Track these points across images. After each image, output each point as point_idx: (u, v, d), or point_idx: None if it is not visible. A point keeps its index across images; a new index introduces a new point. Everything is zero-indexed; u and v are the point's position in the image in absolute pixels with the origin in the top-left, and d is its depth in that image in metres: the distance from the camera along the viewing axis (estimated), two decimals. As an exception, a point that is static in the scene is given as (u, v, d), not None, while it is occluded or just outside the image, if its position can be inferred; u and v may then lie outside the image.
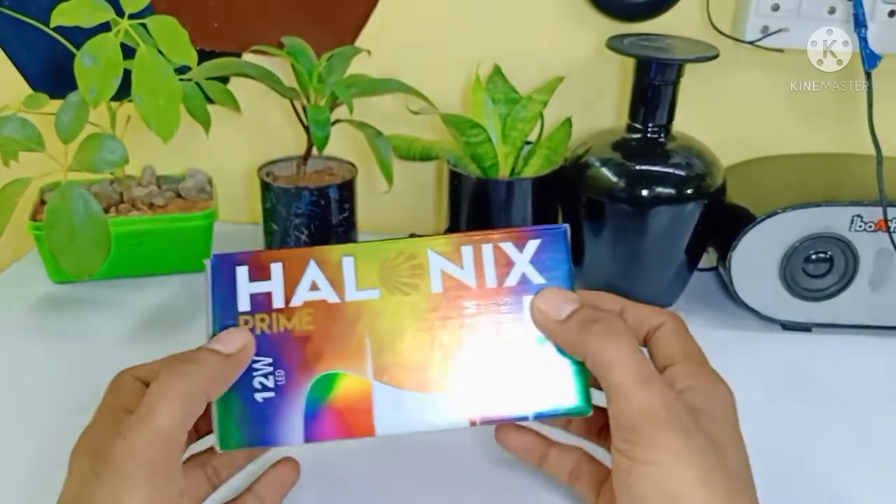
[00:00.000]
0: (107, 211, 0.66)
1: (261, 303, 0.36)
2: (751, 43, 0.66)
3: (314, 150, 0.66)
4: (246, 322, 0.35)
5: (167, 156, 0.72)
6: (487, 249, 0.36)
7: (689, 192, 0.59)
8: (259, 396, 0.35)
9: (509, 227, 0.37)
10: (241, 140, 0.76)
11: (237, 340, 0.34)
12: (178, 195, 0.70)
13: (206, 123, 0.65)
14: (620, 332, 0.33)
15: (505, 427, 0.40)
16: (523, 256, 0.36)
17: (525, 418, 0.35)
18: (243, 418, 0.35)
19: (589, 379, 0.35)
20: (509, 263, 0.36)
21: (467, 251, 0.36)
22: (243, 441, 0.34)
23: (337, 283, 0.36)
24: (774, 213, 0.58)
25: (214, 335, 0.35)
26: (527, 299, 0.35)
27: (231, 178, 0.78)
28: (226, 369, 0.34)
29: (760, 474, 0.47)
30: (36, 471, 0.46)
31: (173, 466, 0.31)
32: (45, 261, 0.66)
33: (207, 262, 0.36)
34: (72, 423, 0.50)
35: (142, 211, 0.67)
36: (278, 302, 0.36)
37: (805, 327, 0.62)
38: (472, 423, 0.34)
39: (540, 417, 0.35)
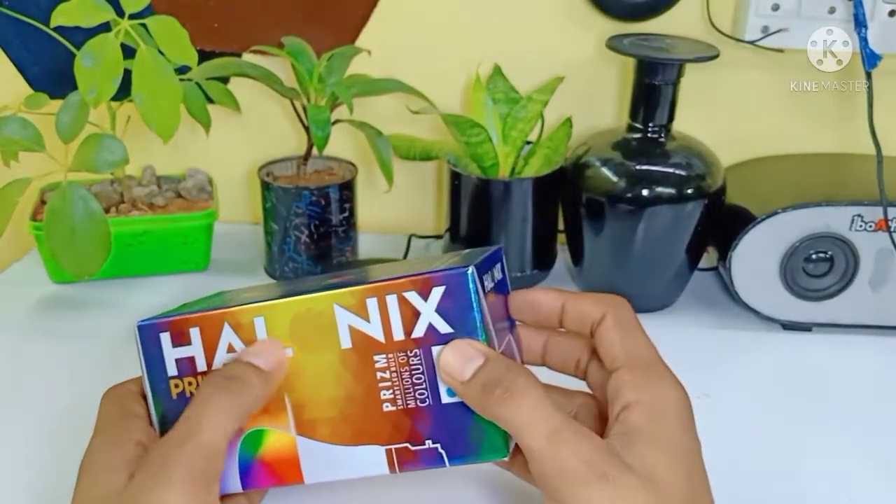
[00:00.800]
0: (107, 211, 0.66)
1: (186, 367, 0.37)
2: (751, 43, 0.66)
3: (314, 150, 0.66)
4: (176, 385, 0.37)
5: (167, 156, 0.72)
6: (392, 301, 0.35)
7: (689, 192, 0.59)
8: None
9: (424, 269, 0.35)
10: (241, 140, 0.76)
11: (273, 356, 0.35)
12: (178, 195, 0.70)
13: (206, 123, 0.66)
14: (521, 391, 0.31)
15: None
16: (428, 305, 0.34)
17: (443, 466, 0.35)
18: None
19: None
20: (415, 313, 0.35)
21: (372, 303, 0.35)
22: None
23: (251, 344, 0.37)
24: (774, 213, 0.58)
25: (153, 396, 0.37)
26: (436, 350, 0.34)
27: (231, 178, 0.78)
28: (266, 387, 0.35)
29: (760, 474, 0.47)
30: (36, 471, 0.46)
31: (215, 478, 0.32)
32: (45, 261, 0.66)
33: (136, 330, 0.38)
34: (72, 423, 0.50)
35: (142, 211, 0.67)
36: (201, 365, 0.37)
37: (805, 327, 0.62)
38: (392, 472, 0.35)
39: (456, 464, 0.34)
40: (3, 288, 0.67)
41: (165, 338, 0.37)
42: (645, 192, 0.59)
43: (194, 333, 0.37)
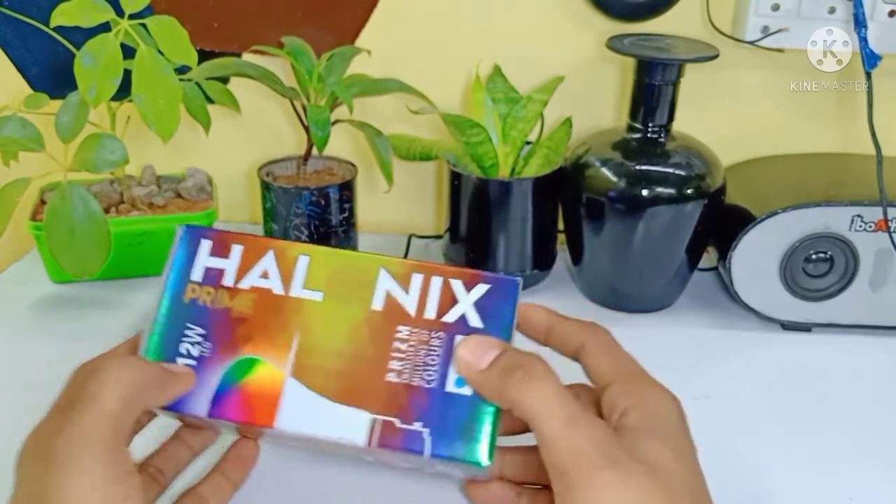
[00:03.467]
0: (107, 211, 0.66)
1: (212, 277, 0.37)
2: (751, 43, 0.66)
3: (314, 150, 0.66)
4: (192, 290, 0.37)
5: (167, 156, 0.72)
6: (436, 282, 0.36)
7: (689, 192, 0.59)
8: (180, 361, 0.36)
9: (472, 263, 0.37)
10: (241, 140, 0.76)
11: (181, 367, 0.36)
12: (178, 195, 0.70)
13: (206, 123, 0.65)
14: (541, 376, 0.32)
15: (474, 484, 0.40)
16: (469, 297, 0.36)
17: (420, 454, 0.34)
18: None
19: (498, 432, 0.35)
20: (453, 300, 0.36)
21: (417, 279, 0.36)
22: None
23: (287, 277, 0.37)
24: (774, 213, 0.58)
25: (164, 294, 0.37)
26: (458, 339, 0.35)
27: (231, 178, 0.78)
28: (168, 379, 0.35)
29: (760, 474, 0.47)
30: (36, 471, 0.46)
31: (121, 447, 0.32)
32: (45, 261, 0.66)
33: (178, 228, 0.38)
34: (72, 423, 0.50)
35: (142, 211, 0.67)
36: (228, 280, 0.37)
37: (805, 327, 0.62)
38: (368, 444, 0.34)
39: (435, 458, 0.34)
40: (3, 288, 0.67)
41: (206, 245, 0.38)
42: (645, 192, 0.59)
43: (236, 249, 0.37)
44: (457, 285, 0.36)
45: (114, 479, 0.30)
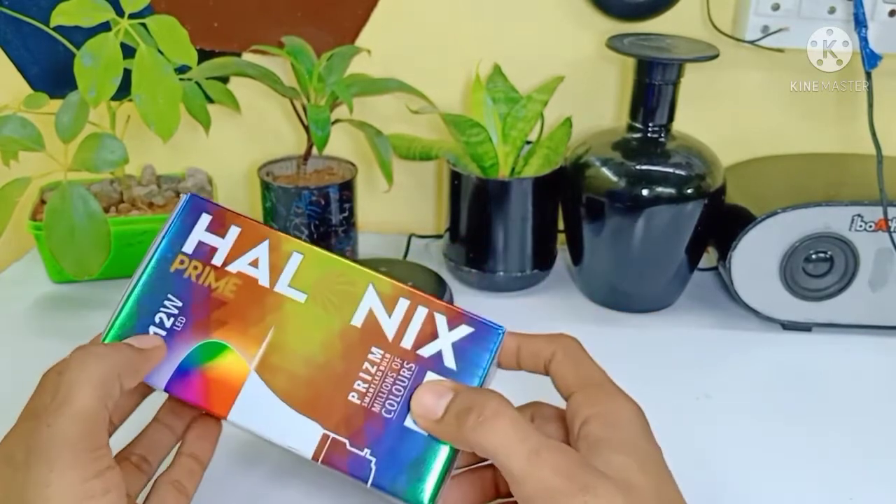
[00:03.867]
0: (107, 211, 0.66)
1: (203, 252, 0.37)
2: (751, 43, 0.66)
3: (314, 150, 0.66)
4: (181, 262, 0.37)
5: (167, 156, 0.72)
6: (421, 312, 0.36)
7: (689, 191, 0.59)
8: (151, 329, 0.36)
9: (438, 301, 0.36)
10: (241, 140, 0.76)
11: (151, 341, 0.35)
12: (178, 195, 0.70)
13: (206, 123, 0.65)
14: (495, 414, 0.32)
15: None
16: (450, 336, 0.35)
17: (364, 482, 0.34)
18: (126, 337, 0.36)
19: (450, 473, 0.34)
20: (433, 335, 0.35)
21: (403, 304, 0.36)
22: None
23: (275, 271, 0.36)
24: (774, 213, 0.58)
25: (152, 258, 0.37)
26: (430, 375, 0.35)
27: (231, 178, 0.78)
28: (138, 359, 0.34)
29: (760, 473, 0.47)
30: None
31: (98, 443, 0.31)
32: (45, 261, 0.66)
33: (183, 196, 0.38)
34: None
35: (142, 211, 0.67)
36: (217, 260, 0.37)
37: (805, 327, 0.62)
38: (315, 459, 0.34)
39: (376, 489, 0.34)
40: (3, 288, 0.67)
41: (205, 219, 0.37)
42: (645, 192, 0.59)
43: (233, 231, 0.37)
44: (440, 320, 0.35)
45: (93, 475, 0.30)
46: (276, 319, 0.36)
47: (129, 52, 0.56)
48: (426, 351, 0.35)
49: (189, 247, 0.37)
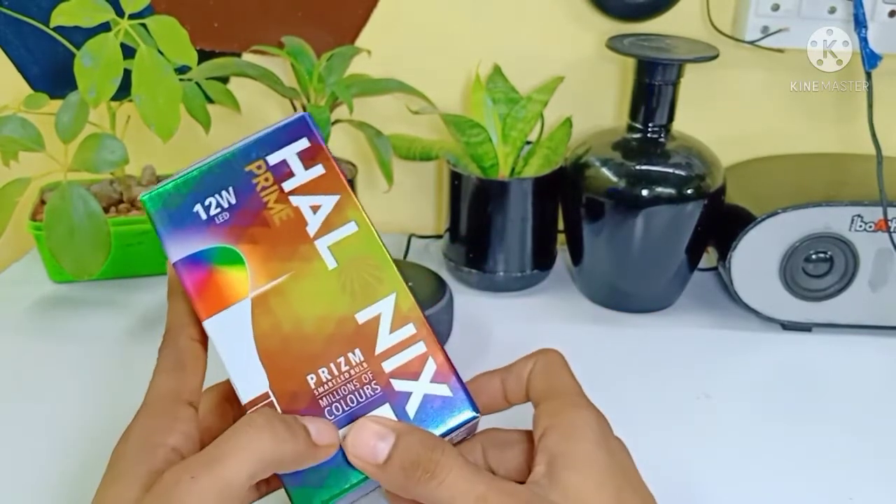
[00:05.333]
0: (107, 211, 0.66)
1: (280, 172, 0.36)
2: (751, 43, 0.66)
3: (314, 150, 0.66)
4: (258, 168, 0.36)
5: (167, 156, 0.72)
6: (417, 348, 0.35)
7: (689, 192, 0.59)
8: (198, 209, 0.35)
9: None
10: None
11: (329, 437, 0.33)
12: (178, 195, 0.70)
13: (206, 123, 0.65)
14: (443, 468, 0.31)
15: None
16: (427, 387, 0.34)
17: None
18: (174, 204, 0.36)
19: (351, 497, 0.34)
20: (414, 375, 0.34)
21: (408, 330, 0.35)
22: (156, 210, 0.36)
23: (326, 227, 0.36)
24: (774, 213, 0.58)
25: (236, 148, 0.36)
26: (385, 409, 0.34)
27: (231, 178, 0.77)
28: (308, 455, 0.33)
29: (760, 473, 0.47)
30: (36, 470, 0.46)
31: None
32: (45, 261, 0.66)
33: (301, 111, 0.37)
34: (71, 422, 0.50)
35: (142, 211, 0.67)
36: (287, 186, 0.36)
37: (805, 327, 0.62)
38: (245, 408, 0.33)
39: (278, 476, 0.33)
40: (3, 288, 0.67)
41: (301, 143, 0.37)
42: (645, 192, 0.59)
43: (317, 169, 0.36)
44: (428, 368, 0.34)
45: None
46: (297, 269, 0.35)
47: (129, 52, 0.56)
48: (399, 385, 0.34)
49: (273, 159, 0.36)
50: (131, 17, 0.57)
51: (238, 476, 0.30)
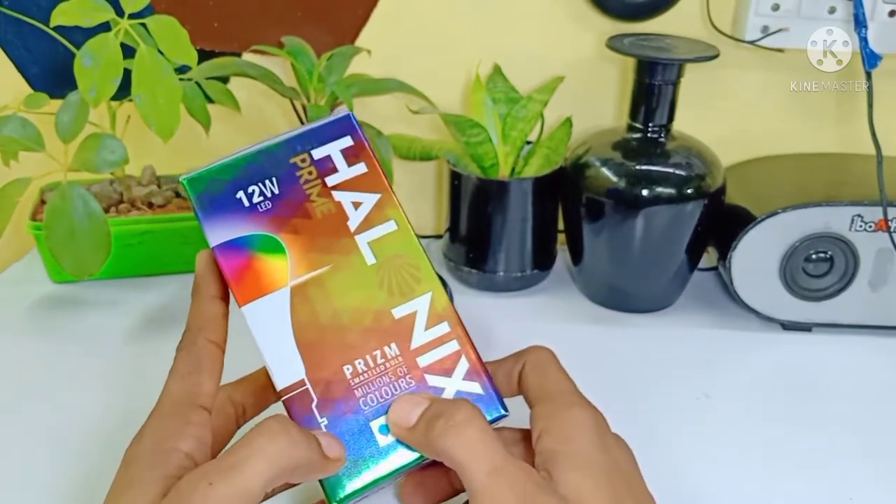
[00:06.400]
0: (107, 211, 0.66)
1: (324, 166, 0.37)
2: (751, 43, 0.66)
3: (314, 150, 0.66)
4: (302, 161, 0.37)
5: (167, 156, 0.72)
6: (451, 346, 0.36)
7: (689, 192, 0.59)
8: (240, 196, 0.36)
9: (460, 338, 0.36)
10: (241, 140, 0.76)
11: (337, 451, 0.34)
12: (178, 195, 0.70)
13: (206, 123, 0.65)
14: (463, 421, 0.32)
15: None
16: (459, 384, 0.35)
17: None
18: (216, 189, 0.37)
19: (376, 489, 0.34)
20: (448, 371, 0.35)
21: (442, 328, 0.36)
22: (197, 193, 0.37)
23: (366, 223, 0.37)
24: (774, 213, 0.58)
25: (281, 139, 0.37)
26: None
27: (231, 178, 0.77)
28: (318, 465, 0.33)
29: (760, 473, 0.47)
30: (35, 469, 0.46)
31: None
32: (45, 261, 0.66)
33: (343, 109, 0.38)
34: (71, 422, 0.50)
35: (142, 211, 0.67)
36: (331, 180, 0.37)
37: (805, 327, 0.62)
38: (280, 395, 0.34)
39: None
40: (3, 288, 0.67)
41: (346, 141, 0.37)
42: (645, 192, 0.59)
43: (359, 167, 0.37)
44: (461, 366, 0.35)
45: None
46: (337, 261, 0.36)
47: (129, 52, 0.56)
48: (432, 380, 0.35)
49: (318, 153, 0.37)
50: (131, 16, 0.57)
51: (256, 482, 0.30)
